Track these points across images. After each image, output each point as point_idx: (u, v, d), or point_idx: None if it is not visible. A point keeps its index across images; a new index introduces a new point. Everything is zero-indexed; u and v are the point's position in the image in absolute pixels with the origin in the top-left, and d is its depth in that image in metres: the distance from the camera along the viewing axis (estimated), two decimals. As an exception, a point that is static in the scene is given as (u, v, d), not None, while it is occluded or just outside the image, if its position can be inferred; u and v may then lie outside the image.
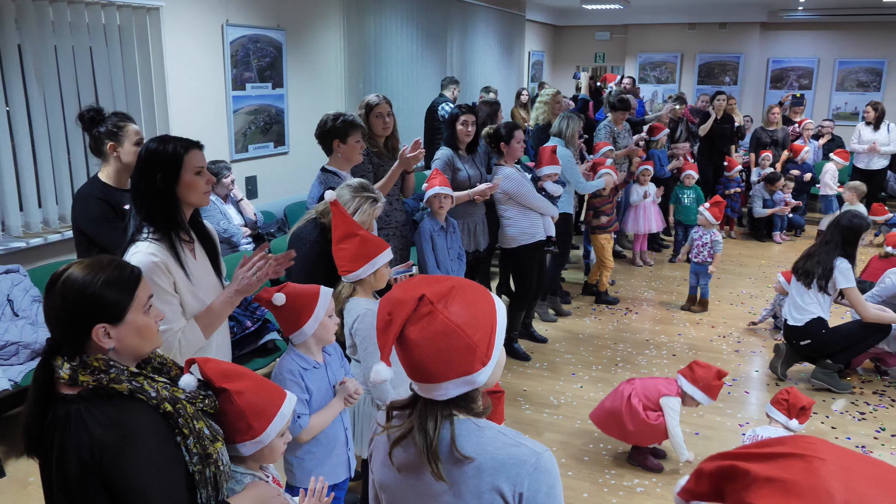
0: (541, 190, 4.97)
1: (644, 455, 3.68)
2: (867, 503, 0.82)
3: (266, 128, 6.07)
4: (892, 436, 4.04)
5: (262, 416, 1.74)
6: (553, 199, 5.01)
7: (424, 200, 4.15)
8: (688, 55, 13.00)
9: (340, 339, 2.68)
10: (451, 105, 6.84)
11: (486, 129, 5.01)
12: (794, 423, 3.33)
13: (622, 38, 13.57)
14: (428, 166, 4.65)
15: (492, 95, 7.94)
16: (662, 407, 3.51)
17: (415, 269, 3.43)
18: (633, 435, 3.58)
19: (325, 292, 2.40)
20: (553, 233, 5.06)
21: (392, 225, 4.11)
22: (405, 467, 1.34)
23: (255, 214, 5.30)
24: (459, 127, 4.54)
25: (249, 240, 5.14)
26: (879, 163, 8.32)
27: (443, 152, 4.57)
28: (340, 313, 2.66)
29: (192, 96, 5.25)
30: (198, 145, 2.27)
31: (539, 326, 5.55)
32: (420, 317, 1.25)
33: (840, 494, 0.83)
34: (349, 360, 2.76)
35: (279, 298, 2.31)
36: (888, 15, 11.40)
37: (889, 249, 5.58)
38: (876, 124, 8.23)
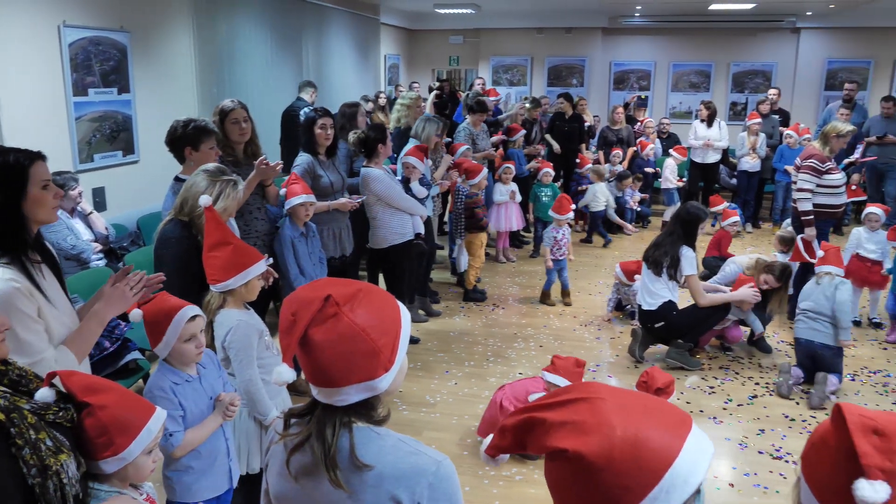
0: (406, 190, 5.04)
1: None
2: (640, 428, 0.99)
3: (113, 135, 5.72)
4: (739, 405, 4.42)
5: (125, 431, 1.67)
6: (420, 199, 5.09)
7: (287, 209, 4.06)
8: (537, 58, 13.55)
9: (214, 352, 2.58)
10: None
11: (354, 136, 5.00)
12: None
13: (475, 41, 13.92)
14: (287, 171, 4.54)
15: (370, 105, 7.95)
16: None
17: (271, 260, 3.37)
18: None
19: (178, 318, 2.25)
20: (422, 230, 5.14)
21: (253, 235, 4.00)
22: (303, 475, 1.31)
23: (105, 228, 4.98)
24: (318, 131, 4.44)
25: (101, 255, 4.83)
26: (713, 157, 9.05)
27: (303, 159, 4.46)
28: (210, 324, 2.56)
29: (27, 103, 4.86)
30: (41, 156, 2.08)
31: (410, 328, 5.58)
32: (325, 318, 1.23)
33: (619, 424, 0.99)
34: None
35: (136, 315, 2.21)
36: (713, 22, 12.45)
37: (733, 220, 6.46)
38: (709, 122, 8.95)
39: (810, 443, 1.20)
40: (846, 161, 8.38)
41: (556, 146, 8.74)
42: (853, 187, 8.55)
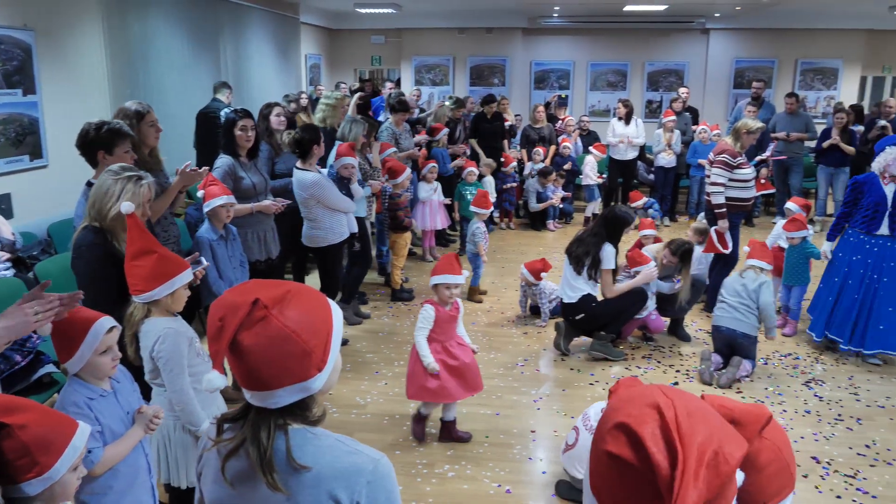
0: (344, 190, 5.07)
1: (449, 431, 3.88)
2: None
3: (18, 139, 5.45)
4: (661, 394, 4.57)
5: (49, 450, 1.61)
6: (352, 196, 5.10)
7: (207, 210, 3.96)
8: (459, 58, 13.64)
9: (138, 364, 2.48)
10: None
11: (289, 135, 4.96)
12: None
13: (397, 41, 13.90)
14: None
15: (292, 106, 7.84)
16: (419, 318, 3.75)
17: (204, 261, 3.30)
18: (410, 378, 3.81)
19: (95, 331, 2.15)
20: (356, 229, 5.15)
21: (171, 240, 3.88)
22: (239, 480, 1.29)
23: (12, 234, 4.73)
24: (238, 133, 4.35)
25: (8, 265, 4.58)
26: (631, 154, 9.33)
27: (223, 161, 4.36)
28: (135, 336, 2.46)
29: (-78, 105, 4.58)
30: None
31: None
32: (254, 322, 1.20)
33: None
34: (141, 385, 2.57)
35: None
36: (628, 22, 12.81)
37: (646, 232, 6.16)
38: (626, 119, 9.21)
39: None
40: (758, 158, 8.78)
41: (484, 160, 8.71)
42: (762, 181, 8.95)
